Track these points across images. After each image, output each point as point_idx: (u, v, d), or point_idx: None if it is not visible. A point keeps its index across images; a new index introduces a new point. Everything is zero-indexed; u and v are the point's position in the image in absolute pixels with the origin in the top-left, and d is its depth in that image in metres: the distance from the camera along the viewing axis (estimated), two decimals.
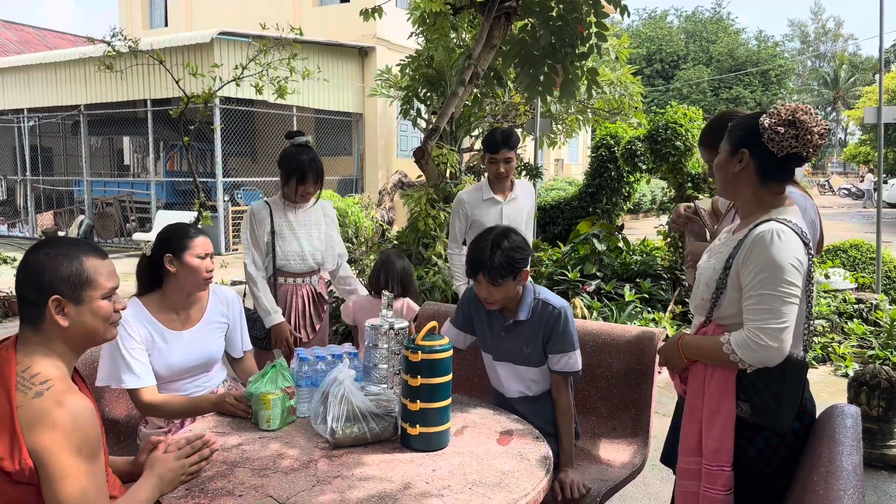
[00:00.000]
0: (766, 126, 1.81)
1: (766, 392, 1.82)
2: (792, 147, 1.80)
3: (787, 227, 1.80)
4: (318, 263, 3.42)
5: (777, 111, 1.82)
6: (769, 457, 1.87)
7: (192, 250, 2.44)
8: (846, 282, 7.02)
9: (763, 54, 37.72)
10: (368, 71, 15.33)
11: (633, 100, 10.90)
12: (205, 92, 6.71)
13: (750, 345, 1.78)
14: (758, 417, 1.84)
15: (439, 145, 6.19)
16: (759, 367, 1.81)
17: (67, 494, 1.43)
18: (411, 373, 1.98)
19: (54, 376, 1.51)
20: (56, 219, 15.88)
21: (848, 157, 37.06)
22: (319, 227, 3.40)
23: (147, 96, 13.41)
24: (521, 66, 4.91)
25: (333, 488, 1.75)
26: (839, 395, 4.46)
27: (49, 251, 1.58)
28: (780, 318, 1.76)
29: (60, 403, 1.46)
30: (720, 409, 1.86)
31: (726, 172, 1.93)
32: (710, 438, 1.88)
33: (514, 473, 1.86)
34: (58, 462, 1.43)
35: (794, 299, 1.77)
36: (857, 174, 40.54)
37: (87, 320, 1.59)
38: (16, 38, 22.45)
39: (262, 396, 2.14)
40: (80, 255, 1.60)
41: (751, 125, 1.86)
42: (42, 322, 1.55)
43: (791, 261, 1.77)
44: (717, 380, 1.87)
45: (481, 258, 2.30)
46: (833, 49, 57.69)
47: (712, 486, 1.88)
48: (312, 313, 3.44)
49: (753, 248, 1.81)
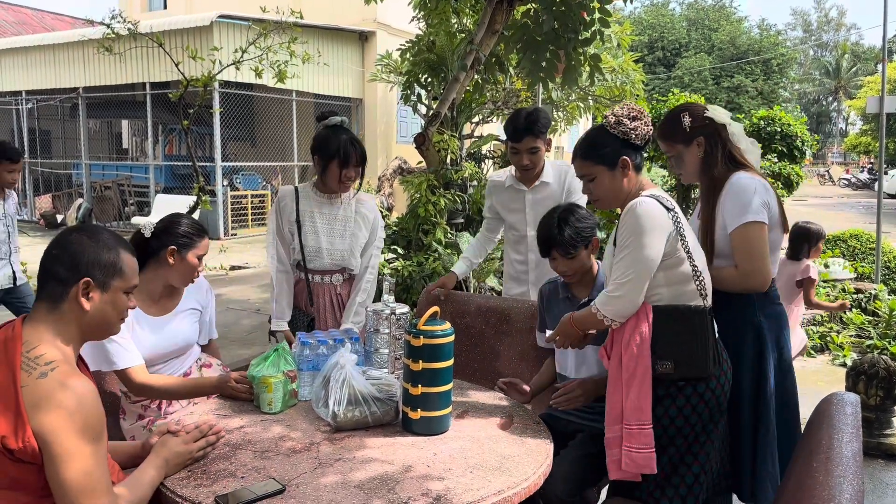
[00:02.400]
0: (628, 126, 2.09)
1: (684, 346, 2.02)
2: (647, 133, 2.11)
3: (646, 198, 2.04)
4: (339, 265, 3.02)
5: (614, 114, 2.12)
6: (698, 408, 2.04)
7: (197, 250, 2.44)
8: (845, 272, 7.03)
9: (765, 43, 37.58)
10: (369, 56, 15.25)
11: (635, 87, 10.84)
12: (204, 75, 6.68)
13: (604, 299, 2.04)
14: (682, 370, 2.01)
15: (440, 131, 6.17)
16: (618, 319, 2.03)
17: (71, 475, 1.44)
18: (413, 357, 1.98)
19: (59, 358, 1.52)
20: (55, 202, 15.84)
21: (849, 147, 37.02)
22: (347, 225, 3.00)
23: (146, 79, 13.34)
24: (523, 52, 4.88)
25: (335, 471, 1.76)
26: (837, 385, 4.48)
27: (92, 235, 1.62)
28: (626, 272, 1.99)
29: (65, 385, 1.47)
30: (637, 371, 2.01)
31: (613, 186, 2.14)
32: (629, 399, 2.02)
33: (514, 457, 1.87)
34: (62, 443, 1.44)
35: (640, 256, 1.97)
36: (857, 164, 40.49)
37: (107, 309, 1.62)
38: (13, 19, 22.29)
39: (264, 379, 2.14)
40: (118, 246, 1.65)
41: (613, 138, 2.12)
42: (63, 302, 1.57)
43: (643, 224, 1.98)
44: (633, 345, 2.02)
45: (551, 235, 2.42)
46: (835, 38, 57.46)
47: (633, 444, 2.00)
48: (331, 315, 3.06)
49: (621, 221, 2.06)
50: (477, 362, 3.08)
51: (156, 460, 1.72)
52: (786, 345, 2.34)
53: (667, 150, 2.45)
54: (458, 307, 3.17)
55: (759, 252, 2.22)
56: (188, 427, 1.83)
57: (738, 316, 2.29)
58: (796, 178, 9.14)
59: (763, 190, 2.25)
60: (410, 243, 6.11)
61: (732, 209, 2.24)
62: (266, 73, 7.25)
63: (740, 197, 2.23)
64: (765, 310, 2.29)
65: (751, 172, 2.30)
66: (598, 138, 2.16)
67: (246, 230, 13.72)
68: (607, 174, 2.13)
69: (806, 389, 4.69)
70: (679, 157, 2.41)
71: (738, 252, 2.24)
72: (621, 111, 2.12)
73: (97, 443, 1.49)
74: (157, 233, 2.42)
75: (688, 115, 2.35)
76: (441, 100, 5.87)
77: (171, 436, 1.79)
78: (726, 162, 2.32)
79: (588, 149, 2.16)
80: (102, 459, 1.51)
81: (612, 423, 2.07)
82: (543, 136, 3.06)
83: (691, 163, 2.38)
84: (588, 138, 2.20)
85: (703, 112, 2.35)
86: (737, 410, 2.27)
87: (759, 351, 2.27)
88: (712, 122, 2.33)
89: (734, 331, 2.28)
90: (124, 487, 1.61)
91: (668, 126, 2.42)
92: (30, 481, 1.49)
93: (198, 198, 8.21)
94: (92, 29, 11.71)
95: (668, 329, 2.02)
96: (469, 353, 3.09)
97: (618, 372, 2.07)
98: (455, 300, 3.22)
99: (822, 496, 1.42)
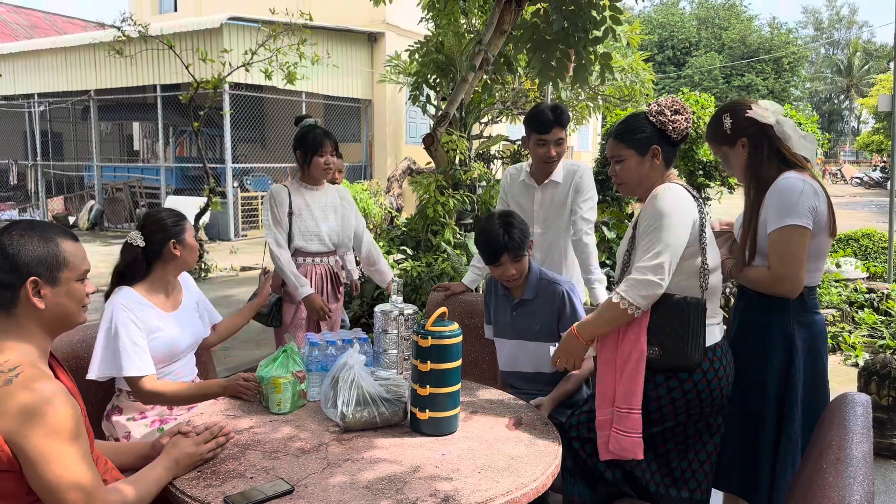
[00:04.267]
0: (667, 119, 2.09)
1: (673, 333, 2.02)
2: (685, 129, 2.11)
3: (674, 185, 2.06)
4: (335, 244, 3.50)
5: (658, 103, 2.13)
6: (687, 395, 2.06)
7: (189, 231, 2.53)
8: (857, 271, 6.99)
9: (776, 41, 37.35)
10: (378, 57, 15.27)
11: (645, 87, 10.80)
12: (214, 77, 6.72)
13: (631, 283, 1.99)
14: (668, 357, 2.02)
15: (449, 132, 6.17)
16: (644, 305, 1.99)
17: (51, 477, 1.41)
18: (421, 358, 1.99)
19: (24, 362, 1.48)
20: (66, 204, 15.95)
21: (861, 145, 36.74)
22: (336, 210, 3.49)
23: (157, 82, 13.42)
24: (533, 52, 4.87)
25: (344, 471, 1.76)
26: (849, 385, 4.45)
27: (24, 232, 1.55)
28: (656, 252, 1.97)
29: (31, 389, 1.43)
30: (632, 356, 2.03)
31: (639, 172, 2.15)
32: (621, 384, 2.04)
33: (522, 458, 1.87)
34: (37, 447, 1.41)
35: (671, 239, 1.97)
36: (869, 163, 40.18)
37: (63, 302, 1.58)
38: (25, 22, 22.48)
39: (273, 380, 2.15)
40: (54, 236, 1.58)
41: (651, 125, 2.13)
42: (15, 306, 1.53)
43: (673, 207, 1.99)
44: (632, 331, 2.03)
45: (498, 241, 2.47)
46: (847, 36, 57.02)
47: (622, 428, 2.02)
48: (329, 293, 3.51)
49: (646, 205, 2.07)
50: (485, 363, 3.08)
51: (166, 461, 1.72)
52: (821, 354, 2.28)
53: (714, 151, 2.42)
54: (467, 307, 3.17)
55: (793, 257, 2.13)
56: (198, 428, 1.84)
57: (772, 321, 2.23)
58: None
59: (812, 193, 2.16)
60: (419, 244, 6.12)
61: (776, 209, 2.16)
62: (276, 75, 7.28)
63: (786, 197, 2.15)
64: (800, 318, 2.22)
65: (802, 173, 2.21)
66: (635, 123, 2.17)
67: (256, 231, 13.77)
68: (636, 159, 2.14)
69: None
70: (725, 158, 2.37)
71: (773, 254, 2.16)
72: (666, 101, 2.13)
73: (74, 441, 1.46)
74: (149, 237, 2.44)
75: (728, 117, 2.29)
76: (450, 100, 5.87)
77: (181, 437, 1.80)
78: (774, 161, 2.24)
79: (623, 131, 2.17)
80: (83, 455, 1.47)
81: (603, 405, 2.10)
82: (566, 128, 3.12)
83: (737, 163, 2.32)
84: (626, 121, 2.21)
85: (745, 112, 2.27)
86: (761, 417, 2.22)
87: (789, 359, 2.20)
88: (755, 122, 2.25)
89: (765, 336, 2.23)
90: (127, 484, 1.61)
91: (712, 128, 2.39)
92: (10, 487, 1.46)
93: (208, 199, 8.26)
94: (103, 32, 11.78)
95: (662, 316, 2.03)
96: (477, 353, 3.10)
97: (612, 355, 2.08)
98: (463, 301, 3.22)
99: (831, 497, 1.41)
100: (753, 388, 2.22)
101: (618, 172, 2.20)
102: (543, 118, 3.05)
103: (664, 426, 2.12)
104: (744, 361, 2.23)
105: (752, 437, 2.23)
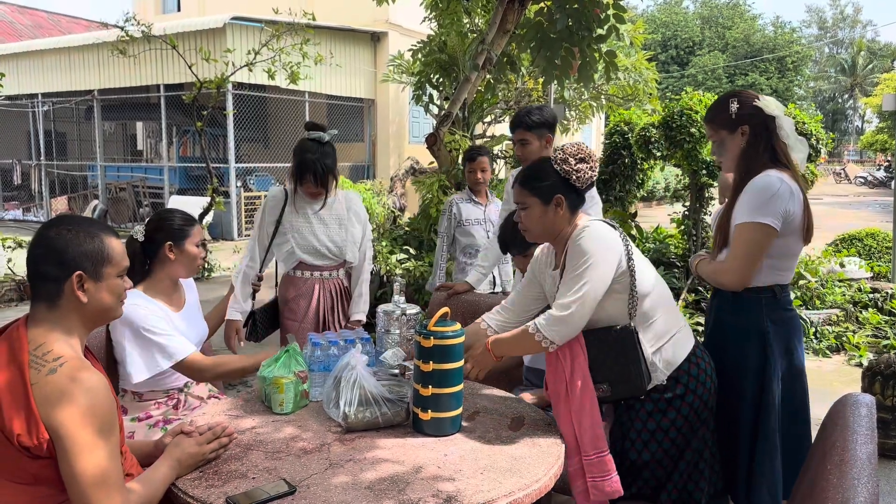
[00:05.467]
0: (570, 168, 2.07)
1: (615, 365, 2.01)
2: (589, 178, 2.09)
3: (595, 222, 2.07)
4: (337, 256, 3.17)
5: (563, 151, 2.10)
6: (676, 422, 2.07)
7: (192, 238, 2.49)
8: (861, 271, 6.96)
9: (780, 40, 37.26)
10: (381, 56, 15.27)
11: (648, 86, 10.79)
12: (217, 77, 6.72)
13: (550, 319, 2.01)
14: (617, 391, 2.02)
15: (452, 131, 6.17)
16: (559, 342, 2.01)
17: (83, 468, 1.45)
18: (423, 358, 1.98)
19: (67, 353, 1.53)
20: (70, 203, 15.98)
21: (865, 145, 36.59)
22: (341, 222, 3.16)
23: (160, 81, 13.43)
24: (537, 50, 4.87)
25: (346, 471, 1.76)
26: (853, 385, 4.43)
27: (70, 227, 1.59)
28: (576, 291, 1.97)
29: (74, 379, 1.48)
30: (584, 402, 2.01)
31: (543, 220, 2.13)
32: (583, 430, 2.00)
33: (525, 459, 1.86)
34: (73, 437, 1.45)
35: (594, 279, 1.97)
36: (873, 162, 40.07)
37: (104, 297, 1.62)
38: (29, 22, 22.53)
39: (276, 380, 2.15)
40: (99, 232, 1.63)
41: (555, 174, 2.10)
42: (59, 299, 1.57)
43: (595, 247, 1.99)
44: (577, 378, 2.02)
45: None
46: (851, 35, 56.86)
47: (596, 473, 1.98)
48: (340, 312, 3.23)
49: (570, 247, 2.06)
50: None
51: (169, 460, 1.73)
52: (796, 350, 2.30)
53: (711, 134, 2.38)
54: (469, 307, 3.17)
55: (748, 253, 2.17)
56: (201, 428, 1.84)
57: (745, 321, 2.26)
58: (811, 177, 9.05)
59: (787, 195, 2.16)
60: (422, 244, 6.12)
61: (747, 204, 2.18)
62: (279, 75, 7.28)
63: (760, 195, 2.17)
64: (773, 315, 2.24)
65: (784, 172, 2.21)
66: (540, 170, 2.16)
67: None
68: (540, 207, 2.13)
69: (821, 390, 4.66)
70: (722, 143, 2.34)
71: (732, 247, 2.21)
72: (571, 150, 2.10)
73: (109, 436, 1.50)
74: (149, 234, 2.46)
75: (736, 102, 2.28)
76: (453, 100, 5.87)
77: (184, 436, 1.80)
78: (767, 156, 2.24)
79: (528, 178, 2.17)
80: (114, 453, 1.52)
81: (572, 456, 2.04)
82: (535, 130, 3.12)
83: (732, 150, 2.31)
84: (531, 168, 2.21)
85: (753, 101, 2.27)
86: (736, 417, 2.25)
87: (764, 358, 2.23)
88: (760, 112, 2.25)
89: (740, 336, 2.26)
90: (137, 483, 1.63)
91: (715, 110, 2.35)
92: (50, 476, 1.50)
93: (212, 199, 8.25)
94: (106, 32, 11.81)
95: (600, 351, 2.03)
96: None
97: (565, 405, 2.05)
98: (466, 300, 3.22)
99: (835, 499, 1.40)
100: (730, 387, 2.24)
101: (522, 219, 2.20)
102: (515, 118, 3.16)
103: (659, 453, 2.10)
104: (720, 361, 2.23)
105: (729, 435, 2.26)
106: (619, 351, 2.02)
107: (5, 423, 1.46)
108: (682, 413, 2.08)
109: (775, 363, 2.23)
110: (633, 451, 2.10)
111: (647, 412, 2.09)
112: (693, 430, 2.11)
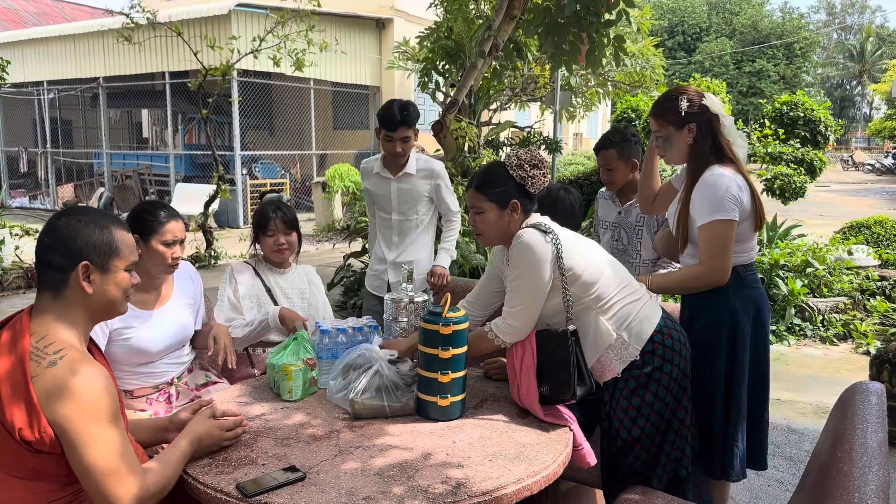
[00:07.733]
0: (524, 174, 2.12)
1: (554, 370, 2.05)
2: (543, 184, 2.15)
3: (527, 231, 2.10)
4: None
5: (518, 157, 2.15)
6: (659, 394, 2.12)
7: (161, 236, 2.35)
8: (869, 258, 6.92)
9: (787, 26, 36.96)
10: (386, 43, 15.21)
11: (655, 73, 10.73)
12: (223, 64, 6.71)
13: (499, 326, 2.13)
14: (554, 392, 2.06)
15: (458, 119, 6.15)
16: (511, 341, 2.11)
17: (93, 459, 1.45)
18: (442, 345, 1.98)
19: (68, 345, 1.51)
20: (76, 191, 16.01)
21: (873, 132, 36.35)
22: (303, 296, 2.94)
23: (165, 69, 13.41)
24: (545, 36, 4.84)
25: (355, 458, 1.77)
26: (861, 373, 4.42)
27: (80, 217, 1.58)
28: (518, 300, 2.09)
29: (75, 372, 1.46)
30: (532, 402, 2.07)
31: (498, 225, 2.17)
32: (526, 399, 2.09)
33: (533, 446, 1.87)
34: (79, 430, 1.44)
35: (530, 284, 2.06)
36: (881, 149, 39.79)
37: (110, 290, 1.61)
38: (34, 9, 22.50)
39: (285, 367, 2.15)
40: (109, 224, 1.61)
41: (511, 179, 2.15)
42: (65, 288, 1.56)
43: (527, 257, 2.05)
44: (522, 375, 2.09)
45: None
46: (860, 21, 56.36)
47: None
48: None
49: (510, 254, 2.15)
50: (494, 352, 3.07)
51: (191, 435, 1.72)
52: (764, 325, 2.41)
53: (657, 129, 2.47)
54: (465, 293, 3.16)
55: (721, 250, 2.28)
56: (228, 412, 1.86)
57: (713, 301, 2.35)
58: (819, 164, 9.00)
59: (736, 187, 2.28)
60: None
61: (703, 205, 2.29)
62: (284, 62, 7.26)
63: (712, 192, 2.27)
64: (740, 294, 2.35)
65: (728, 168, 2.33)
66: (495, 176, 2.18)
67: None
68: (495, 212, 2.16)
69: (828, 378, 4.66)
70: (668, 138, 2.44)
71: (704, 249, 2.30)
72: (525, 156, 2.14)
73: (114, 424, 1.49)
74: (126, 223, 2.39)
75: (685, 100, 2.37)
76: (459, 87, 5.84)
77: (209, 415, 1.81)
78: (713, 152, 2.36)
79: (484, 183, 2.18)
80: (123, 439, 1.51)
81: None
82: (414, 126, 3.21)
83: (679, 147, 2.42)
84: (486, 173, 2.22)
85: (701, 99, 2.38)
86: (710, 394, 2.35)
87: (733, 335, 2.34)
88: (707, 111, 2.36)
89: (710, 316, 2.37)
90: (155, 462, 1.63)
91: (663, 106, 2.44)
92: (51, 471, 1.50)
93: (217, 186, 8.27)
94: (112, 19, 11.77)
95: (545, 354, 2.08)
96: None
97: (517, 398, 2.12)
98: (465, 287, 3.21)
99: (846, 486, 1.40)
100: (703, 366, 2.34)
101: (477, 223, 2.21)
102: (390, 116, 3.13)
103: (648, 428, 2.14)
104: (694, 342, 2.31)
105: (704, 411, 2.35)
106: (556, 355, 2.06)
107: (6, 415, 1.44)
108: (663, 384, 2.13)
109: (745, 340, 2.35)
110: (623, 430, 2.15)
111: (630, 390, 2.14)
112: (677, 401, 2.17)
